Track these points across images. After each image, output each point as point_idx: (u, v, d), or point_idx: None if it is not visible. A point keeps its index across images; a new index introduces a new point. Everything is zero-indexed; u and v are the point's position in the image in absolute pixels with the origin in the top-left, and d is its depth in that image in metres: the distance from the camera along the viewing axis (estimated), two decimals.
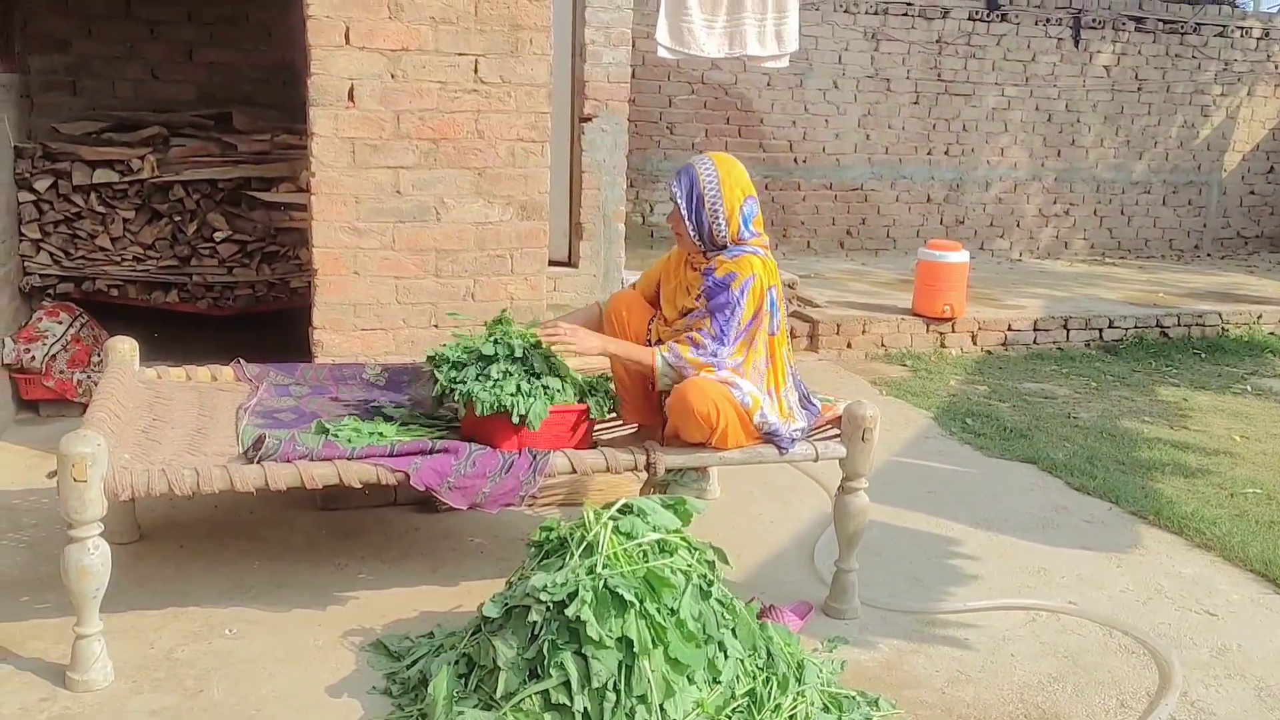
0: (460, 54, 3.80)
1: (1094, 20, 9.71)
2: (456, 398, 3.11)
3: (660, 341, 3.26)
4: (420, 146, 3.82)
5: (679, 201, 3.19)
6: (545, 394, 3.09)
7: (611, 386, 3.37)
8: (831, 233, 9.44)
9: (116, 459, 2.69)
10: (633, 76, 6.65)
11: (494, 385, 3.07)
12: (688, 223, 3.19)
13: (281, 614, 3.09)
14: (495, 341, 3.13)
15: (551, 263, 5.00)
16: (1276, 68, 10.41)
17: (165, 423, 3.19)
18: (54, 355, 4.58)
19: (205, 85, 6.04)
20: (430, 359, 3.20)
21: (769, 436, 3.17)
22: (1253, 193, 10.71)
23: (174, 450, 2.96)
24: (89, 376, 4.60)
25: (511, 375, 3.08)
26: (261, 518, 3.71)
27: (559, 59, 5.38)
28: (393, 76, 3.74)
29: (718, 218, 3.16)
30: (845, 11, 9.04)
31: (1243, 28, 10.23)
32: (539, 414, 3.03)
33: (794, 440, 3.21)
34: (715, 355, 3.09)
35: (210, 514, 3.72)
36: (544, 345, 3.15)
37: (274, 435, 2.96)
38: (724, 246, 3.19)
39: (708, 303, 3.15)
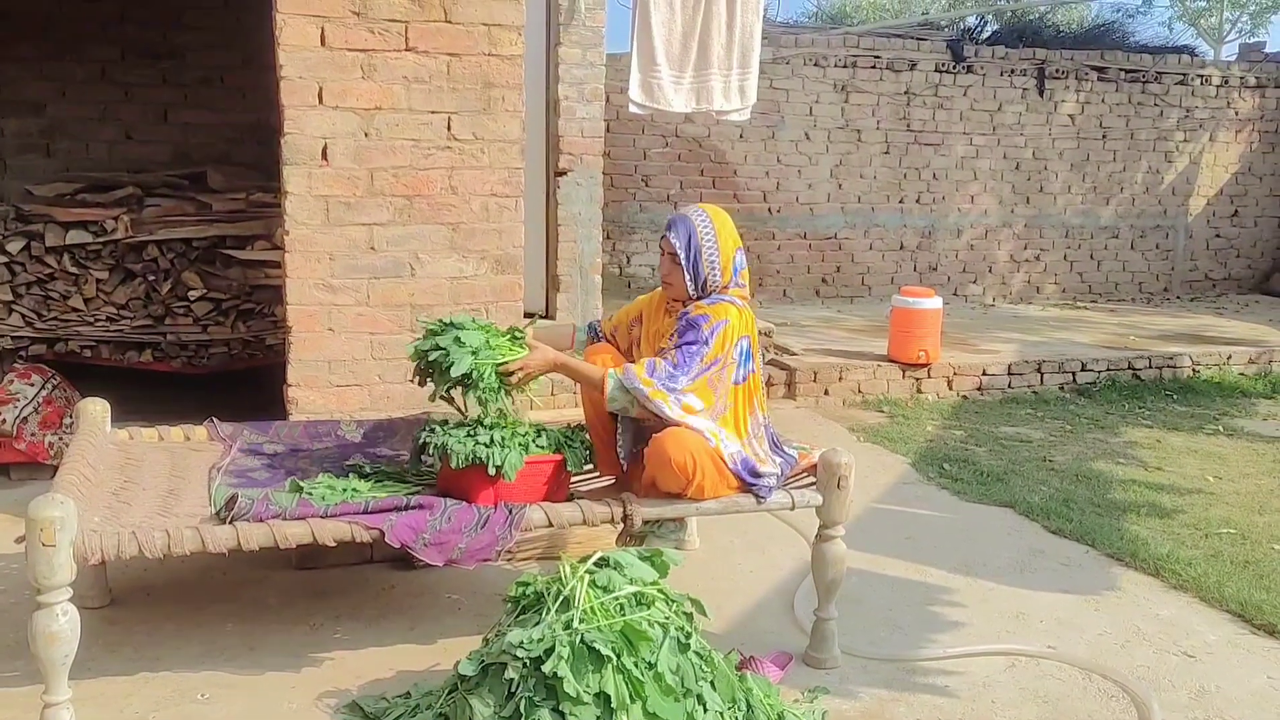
0: (433, 112, 3.85)
1: (1057, 70, 9.92)
2: (432, 449, 3.12)
3: None
4: (394, 203, 3.85)
5: (679, 251, 3.23)
6: (520, 445, 3.10)
7: (587, 436, 3.37)
8: (807, 281, 9.52)
9: (86, 522, 2.67)
10: (607, 130, 6.74)
11: (469, 436, 3.09)
12: (686, 272, 3.23)
13: (255, 677, 3.05)
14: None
15: (528, 315, 5.02)
16: (1237, 114, 10.64)
17: (137, 484, 3.16)
18: (25, 418, 4.55)
19: (180, 145, 6.08)
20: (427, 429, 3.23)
21: (747, 484, 3.18)
22: (1218, 236, 10.89)
23: (145, 512, 2.93)
24: (61, 438, 4.56)
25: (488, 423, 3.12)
26: (235, 579, 3.67)
27: (533, 115, 5.45)
28: (366, 135, 3.78)
29: (714, 267, 3.22)
30: (815, 65, 9.20)
31: (1203, 76, 10.47)
32: (514, 465, 3.03)
33: (771, 489, 3.22)
34: (671, 381, 3.09)
35: (183, 576, 3.67)
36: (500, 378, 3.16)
37: (247, 495, 2.94)
38: (711, 294, 3.24)
39: (677, 338, 3.18)
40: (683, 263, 3.22)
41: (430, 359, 3.14)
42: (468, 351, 3.11)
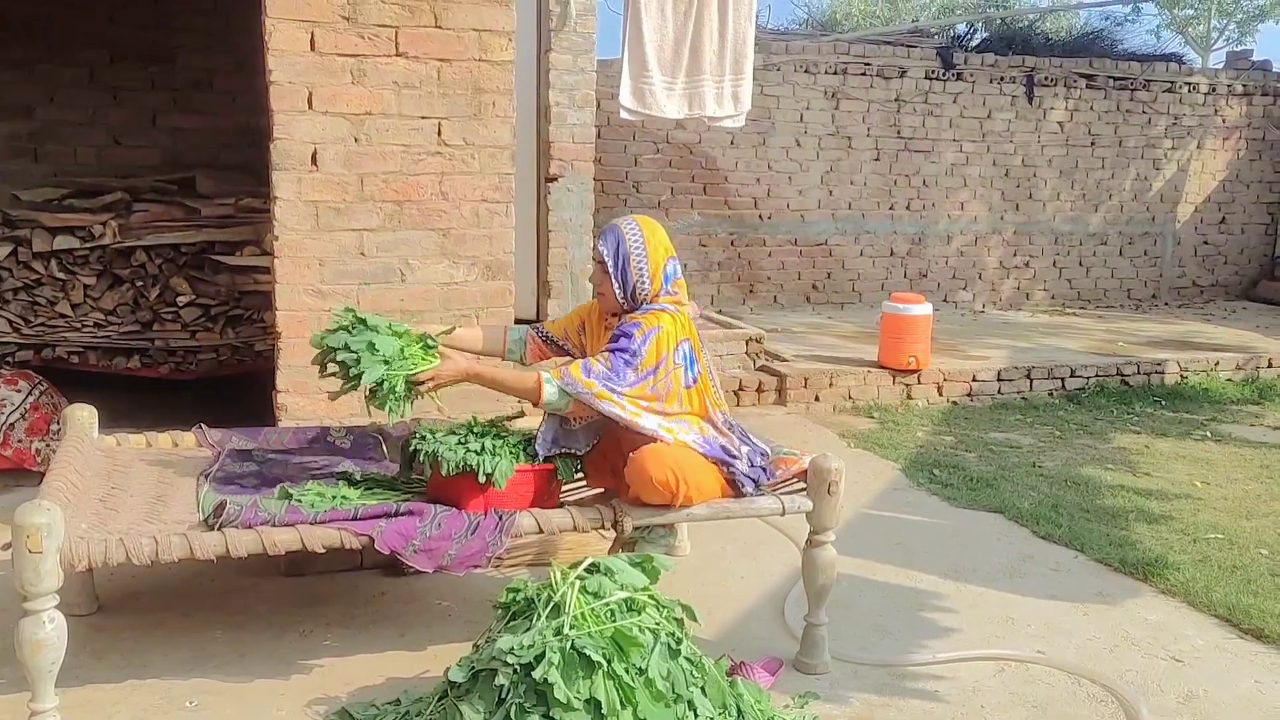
0: (424, 117, 3.84)
1: (1046, 78, 9.97)
2: (422, 457, 3.11)
3: None
4: (384, 209, 3.84)
5: (606, 260, 3.25)
6: (510, 453, 3.09)
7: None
8: (797, 287, 9.54)
9: (73, 529, 2.65)
10: (598, 136, 6.74)
11: (459, 443, 3.07)
12: (614, 281, 3.25)
13: (244, 684, 3.03)
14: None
15: (518, 321, 5.01)
16: (1224, 122, 10.71)
17: (124, 491, 3.14)
18: (12, 424, 4.52)
19: (169, 150, 6.06)
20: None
21: (724, 465, 3.17)
22: (1206, 243, 10.95)
23: (133, 519, 2.91)
24: (48, 445, 4.53)
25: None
26: (224, 586, 3.65)
27: (524, 120, 5.45)
28: (356, 140, 3.77)
29: (643, 276, 3.23)
30: (805, 72, 9.22)
31: (1190, 83, 10.53)
32: (504, 473, 3.03)
33: (750, 478, 3.21)
34: (610, 383, 3.08)
35: (171, 583, 3.65)
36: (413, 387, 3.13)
37: (235, 501, 2.93)
38: (642, 305, 3.24)
39: (610, 344, 3.18)
40: (610, 271, 3.24)
41: (339, 359, 3.08)
42: (380, 360, 3.04)
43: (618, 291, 3.25)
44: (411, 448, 3.18)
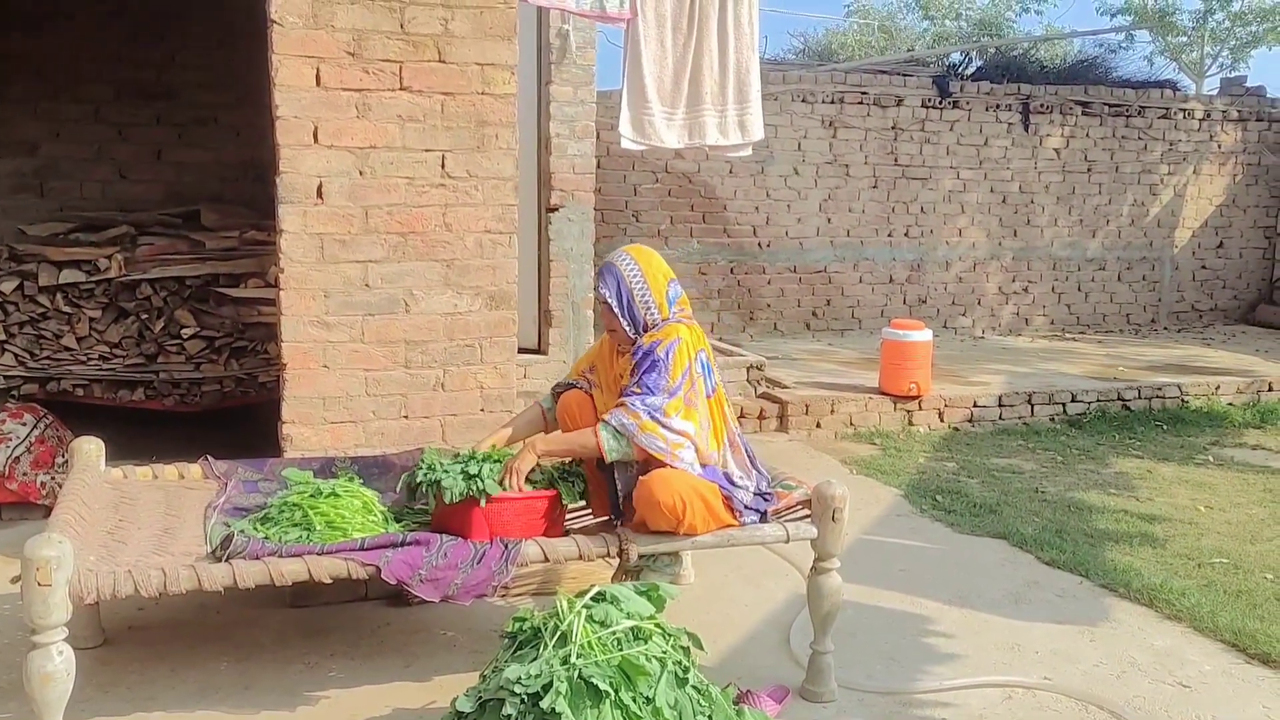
0: (427, 150, 3.88)
1: (1042, 105, 10.05)
2: (424, 488, 3.13)
3: None
4: (389, 240, 3.87)
5: (610, 301, 3.32)
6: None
7: (583, 470, 3.38)
8: (797, 314, 9.57)
9: (82, 561, 2.66)
10: (598, 167, 6.79)
11: (461, 473, 3.11)
12: (622, 319, 3.31)
13: (250, 717, 3.03)
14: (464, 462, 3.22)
15: (521, 350, 5.04)
16: (1220, 147, 10.78)
17: (131, 523, 3.16)
18: (17, 458, 4.53)
19: (174, 184, 6.11)
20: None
21: (725, 492, 3.18)
22: (1204, 267, 11.00)
23: (141, 551, 2.93)
24: (53, 478, 4.54)
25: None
26: (229, 617, 3.65)
27: (525, 151, 5.50)
28: (361, 173, 3.81)
29: (649, 308, 3.30)
30: (803, 101, 9.31)
31: (1185, 110, 10.62)
32: (491, 480, 3.09)
33: (752, 509, 3.22)
34: (655, 412, 3.12)
35: (176, 615, 3.65)
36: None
37: (242, 531, 2.93)
38: (652, 329, 3.30)
39: (637, 372, 3.22)
40: (616, 311, 3.30)
41: (467, 490, 3.13)
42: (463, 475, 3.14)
43: (628, 329, 3.32)
44: (416, 479, 3.20)
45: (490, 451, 3.36)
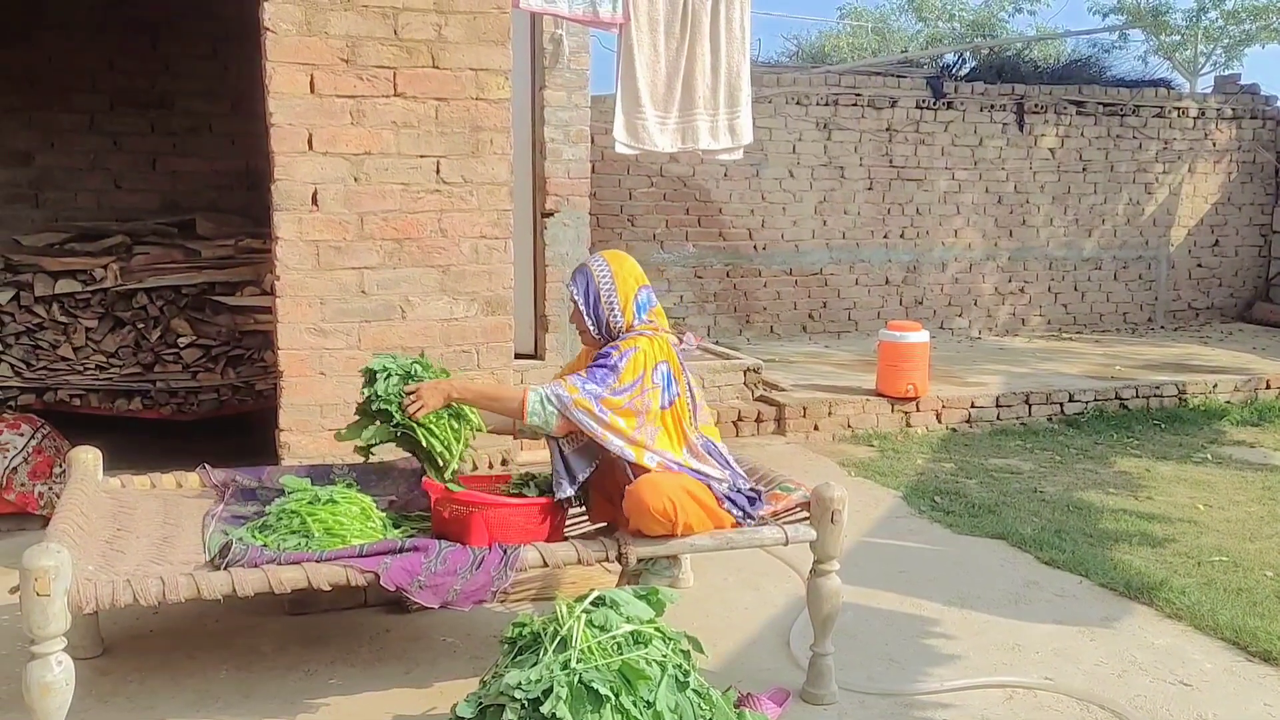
0: (422, 156, 3.89)
1: (1036, 105, 10.06)
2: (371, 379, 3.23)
3: None
4: (384, 246, 3.87)
5: (577, 300, 3.32)
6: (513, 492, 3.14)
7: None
8: (793, 317, 9.57)
9: (80, 571, 2.65)
10: (593, 171, 6.80)
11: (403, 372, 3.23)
12: (588, 319, 3.31)
13: None
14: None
15: (517, 355, 5.04)
16: (1214, 145, 10.80)
17: (130, 532, 3.15)
18: (15, 468, 4.52)
19: (169, 193, 6.10)
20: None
21: (705, 479, 3.17)
22: (1200, 265, 11.01)
23: (139, 560, 2.92)
24: (51, 488, 4.53)
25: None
26: (228, 626, 3.64)
27: (520, 157, 5.51)
28: (356, 180, 3.81)
29: (614, 311, 3.29)
30: (797, 104, 9.32)
31: (1179, 108, 10.64)
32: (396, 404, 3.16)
33: (732, 500, 3.21)
34: (584, 387, 3.11)
35: (175, 624, 3.64)
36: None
37: (240, 540, 2.93)
38: (618, 336, 3.29)
39: (590, 367, 3.21)
40: (583, 309, 3.31)
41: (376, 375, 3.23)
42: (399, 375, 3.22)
43: (592, 328, 3.32)
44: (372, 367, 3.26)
45: (438, 371, 3.35)
